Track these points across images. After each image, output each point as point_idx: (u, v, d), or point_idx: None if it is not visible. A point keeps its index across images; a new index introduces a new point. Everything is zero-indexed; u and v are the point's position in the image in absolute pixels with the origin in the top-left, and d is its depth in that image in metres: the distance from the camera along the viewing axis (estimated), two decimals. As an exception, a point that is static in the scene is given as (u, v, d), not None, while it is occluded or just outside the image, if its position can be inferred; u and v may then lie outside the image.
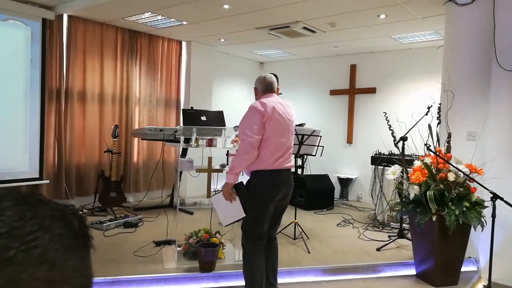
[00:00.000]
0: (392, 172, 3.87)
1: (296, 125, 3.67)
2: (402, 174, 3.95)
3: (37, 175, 5.16)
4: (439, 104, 4.03)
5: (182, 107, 6.91)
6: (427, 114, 4.12)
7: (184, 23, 5.69)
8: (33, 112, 5.10)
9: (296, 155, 4.71)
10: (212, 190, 3.89)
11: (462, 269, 3.51)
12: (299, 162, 4.98)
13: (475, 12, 3.83)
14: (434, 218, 3.24)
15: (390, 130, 4.45)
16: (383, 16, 4.92)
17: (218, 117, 3.96)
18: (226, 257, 3.81)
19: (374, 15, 4.91)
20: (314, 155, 4.93)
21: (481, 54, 3.80)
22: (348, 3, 4.54)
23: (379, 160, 5.61)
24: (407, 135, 4.35)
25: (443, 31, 4.47)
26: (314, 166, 6.54)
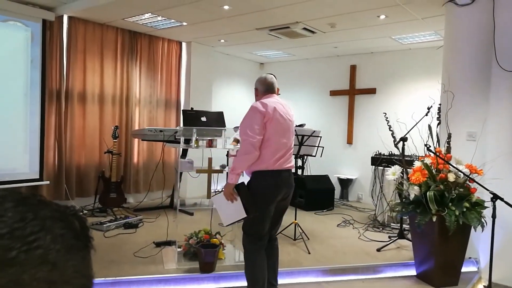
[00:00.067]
0: (392, 172, 3.88)
1: (296, 125, 3.67)
2: (402, 175, 3.95)
3: (37, 176, 5.16)
4: (439, 104, 4.03)
5: (182, 108, 6.91)
6: (427, 114, 4.13)
7: (184, 24, 5.69)
8: (33, 113, 5.11)
9: (296, 156, 4.71)
10: (212, 191, 3.89)
11: (463, 269, 3.51)
12: (299, 163, 4.97)
13: (475, 13, 3.83)
14: (434, 219, 3.24)
15: (390, 130, 4.45)
16: (383, 16, 4.93)
17: (218, 118, 3.96)
18: (226, 257, 3.81)
19: (374, 15, 4.91)
20: (314, 156, 4.93)
21: (481, 54, 3.80)
22: (348, 4, 4.55)
23: (379, 160, 5.61)
24: (407, 135, 4.35)
25: (443, 32, 4.47)
26: (314, 166, 6.54)
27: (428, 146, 3.33)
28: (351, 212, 6.17)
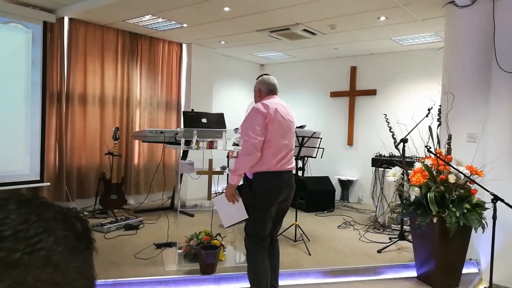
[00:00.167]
0: (393, 174, 3.88)
1: (296, 127, 3.67)
2: (402, 176, 3.95)
3: (38, 178, 5.16)
4: (439, 106, 4.03)
5: (183, 110, 6.91)
6: (427, 116, 4.13)
7: (185, 25, 5.70)
8: (34, 114, 5.11)
9: (297, 157, 4.71)
10: (213, 192, 3.90)
11: (463, 271, 3.50)
12: (300, 164, 4.97)
13: (475, 14, 3.83)
14: (435, 220, 3.24)
15: (391, 132, 4.45)
16: (383, 18, 4.93)
17: (219, 119, 3.97)
18: (227, 259, 3.81)
19: (374, 17, 4.92)
20: (315, 157, 4.94)
21: (481, 55, 3.81)
22: (348, 5, 4.55)
23: (380, 162, 5.61)
24: (407, 137, 4.35)
25: (443, 33, 4.47)
26: (315, 168, 6.54)
27: (428, 147, 3.34)
28: (351, 214, 6.17)
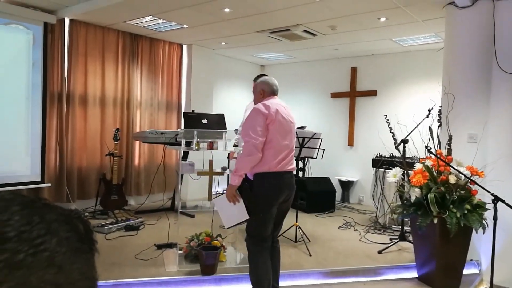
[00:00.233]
0: (393, 174, 3.88)
1: (297, 128, 3.67)
2: (403, 177, 3.95)
3: (38, 179, 5.17)
4: (439, 106, 4.03)
5: (183, 110, 6.92)
6: (427, 116, 4.13)
7: (185, 26, 5.71)
8: (34, 115, 5.12)
9: (297, 158, 4.71)
10: (214, 193, 3.89)
11: (464, 271, 3.50)
12: (300, 165, 4.97)
13: (475, 15, 3.84)
14: (436, 221, 3.24)
15: (391, 132, 4.45)
16: (383, 19, 4.94)
17: (219, 120, 3.97)
18: (228, 260, 3.81)
19: (375, 18, 4.92)
20: (315, 158, 4.94)
21: (481, 56, 3.81)
22: (348, 6, 4.56)
23: (380, 162, 5.61)
24: (408, 137, 4.35)
25: (443, 34, 4.47)
26: (315, 169, 6.54)
27: (429, 148, 3.34)
28: (352, 214, 6.17)
